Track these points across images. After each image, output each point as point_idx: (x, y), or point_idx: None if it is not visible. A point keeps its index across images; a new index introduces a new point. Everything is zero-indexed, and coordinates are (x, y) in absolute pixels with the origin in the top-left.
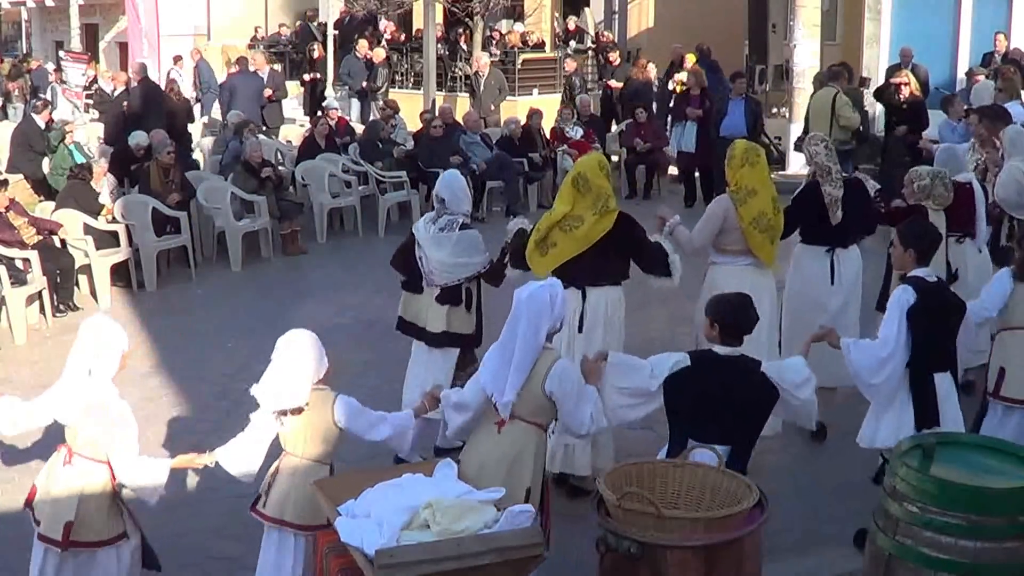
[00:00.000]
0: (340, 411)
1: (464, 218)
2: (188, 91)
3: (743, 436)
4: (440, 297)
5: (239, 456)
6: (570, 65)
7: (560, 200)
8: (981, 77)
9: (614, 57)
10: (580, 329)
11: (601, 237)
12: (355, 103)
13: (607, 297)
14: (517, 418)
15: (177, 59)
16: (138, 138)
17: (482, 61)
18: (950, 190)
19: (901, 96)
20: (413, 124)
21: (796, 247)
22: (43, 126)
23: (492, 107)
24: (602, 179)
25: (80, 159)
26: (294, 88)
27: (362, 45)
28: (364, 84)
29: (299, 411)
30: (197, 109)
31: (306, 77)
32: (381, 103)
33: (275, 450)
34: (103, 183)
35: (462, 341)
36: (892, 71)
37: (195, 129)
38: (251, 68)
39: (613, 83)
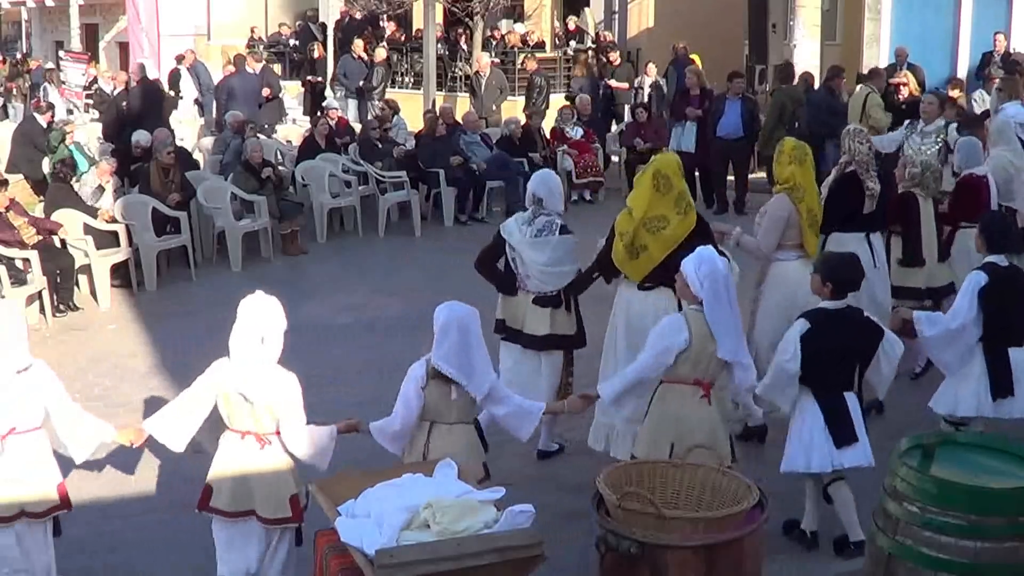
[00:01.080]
0: None
1: (560, 219)
2: (190, 91)
3: (857, 377)
4: (538, 299)
5: (392, 432)
6: (530, 65)
7: (637, 199)
8: (998, 80)
9: (614, 57)
10: None
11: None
12: (352, 103)
13: None
14: (716, 385)
15: (180, 59)
16: (139, 136)
17: (483, 61)
18: (939, 185)
19: (900, 96)
20: (413, 124)
21: (832, 236)
22: (45, 126)
23: (494, 107)
24: (680, 179)
25: (81, 160)
26: (294, 88)
27: (357, 45)
28: (362, 84)
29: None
30: (196, 110)
31: (310, 79)
32: (380, 103)
33: None
34: (108, 184)
35: (565, 343)
36: (889, 72)
37: (194, 129)
38: (248, 69)
39: (613, 83)
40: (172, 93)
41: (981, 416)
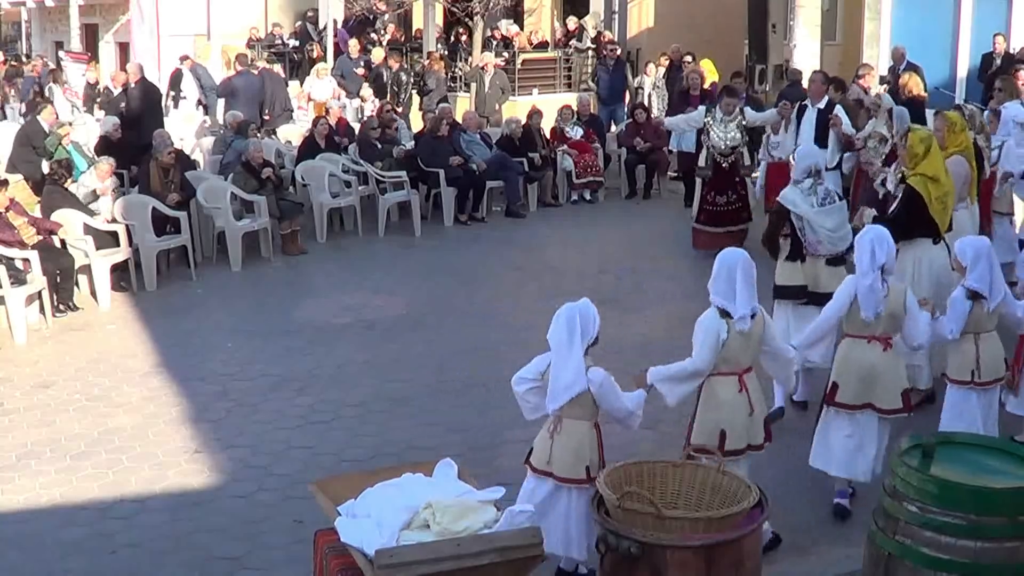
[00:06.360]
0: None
1: (833, 187)
2: (192, 91)
3: None
4: (831, 261)
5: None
6: (393, 63)
7: (938, 169)
8: (998, 80)
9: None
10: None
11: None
12: (350, 104)
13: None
14: None
15: (184, 59)
16: (107, 124)
17: (489, 60)
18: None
19: (904, 96)
20: (413, 124)
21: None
22: (47, 130)
23: (497, 107)
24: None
25: (80, 160)
26: (294, 88)
27: (354, 46)
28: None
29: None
30: (200, 111)
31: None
32: (378, 102)
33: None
34: (107, 183)
35: None
36: (889, 73)
37: (194, 128)
38: (253, 70)
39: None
40: (173, 93)
41: None
